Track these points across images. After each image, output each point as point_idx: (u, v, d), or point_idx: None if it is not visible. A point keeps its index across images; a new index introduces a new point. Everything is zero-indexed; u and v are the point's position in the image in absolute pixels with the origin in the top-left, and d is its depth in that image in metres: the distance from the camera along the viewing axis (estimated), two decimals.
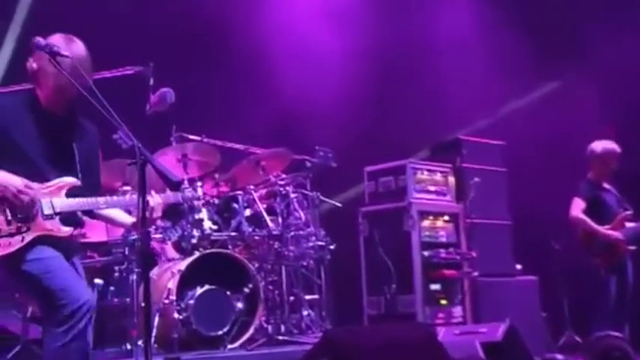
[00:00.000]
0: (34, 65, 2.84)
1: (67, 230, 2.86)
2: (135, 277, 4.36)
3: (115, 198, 2.97)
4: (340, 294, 5.39)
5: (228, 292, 4.49)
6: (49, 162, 2.86)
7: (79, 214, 3.00)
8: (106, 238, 4.77)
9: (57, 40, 2.84)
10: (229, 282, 4.51)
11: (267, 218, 4.94)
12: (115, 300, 4.57)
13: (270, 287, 4.92)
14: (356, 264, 5.85)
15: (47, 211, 2.82)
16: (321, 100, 6.53)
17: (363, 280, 5.80)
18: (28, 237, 2.78)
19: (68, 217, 2.91)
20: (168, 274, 4.47)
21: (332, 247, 5.16)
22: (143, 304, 3.26)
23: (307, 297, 5.15)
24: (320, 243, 5.11)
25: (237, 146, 5.35)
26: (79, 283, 2.83)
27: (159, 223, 4.78)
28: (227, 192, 5.16)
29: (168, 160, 4.75)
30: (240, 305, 4.51)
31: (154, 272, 4.57)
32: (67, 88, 2.80)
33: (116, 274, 4.53)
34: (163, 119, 4.70)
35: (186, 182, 4.72)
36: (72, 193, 2.90)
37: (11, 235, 2.77)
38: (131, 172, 4.43)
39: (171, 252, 4.87)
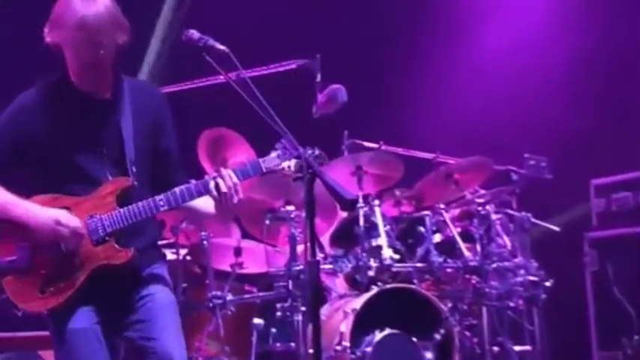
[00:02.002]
0: (49, 39, 2.76)
1: (126, 255, 2.78)
2: (301, 317, 4.44)
3: (176, 191, 2.81)
4: (560, 345, 5.19)
5: (415, 339, 4.46)
6: (95, 160, 2.80)
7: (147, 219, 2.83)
8: (267, 268, 4.91)
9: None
10: (415, 325, 4.48)
11: (463, 245, 4.87)
12: (278, 345, 4.67)
13: (468, 333, 4.84)
14: (581, 306, 5.64)
15: (96, 234, 2.76)
16: (530, 96, 6.35)
17: (591, 327, 5.60)
18: (82, 276, 2.75)
19: (133, 231, 2.80)
20: (340, 315, 4.51)
21: (548, 283, 4.96)
22: (311, 351, 3.29)
23: (516, 348, 4.97)
24: (532, 278, 4.94)
25: (423, 155, 5.33)
26: None
27: (329, 251, 4.90)
28: (411, 212, 5.15)
29: (339, 173, 4.83)
30: (429, 355, 4.46)
31: (323, 312, 4.63)
32: (97, 62, 2.74)
33: (279, 314, 4.62)
34: (333, 123, 4.78)
35: (361, 200, 4.77)
36: (127, 196, 2.79)
37: (62, 277, 2.75)
38: (296, 189, 4.55)
39: (343, 287, 4.92)
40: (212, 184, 2.81)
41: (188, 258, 5.01)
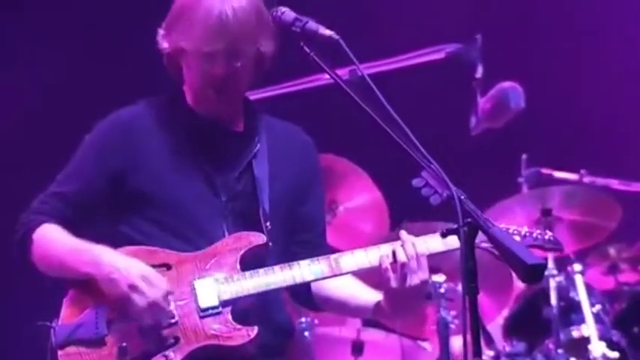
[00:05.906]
0: (165, 44, 3.01)
1: (244, 335, 2.90)
2: None
3: (331, 260, 2.96)
4: None
5: None
6: (210, 208, 3.00)
7: (279, 301, 3.00)
8: None
9: None
10: None
11: None
12: None
13: None
14: None
15: (206, 302, 2.91)
16: None
17: None
18: (177, 357, 2.87)
19: (259, 308, 2.96)
20: None
21: None
22: None
23: None
24: None
25: None
26: None
27: (501, 346, 4.92)
28: (636, 283, 5.19)
29: (515, 220, 4.78)
30: None
31: None
32: (230, 76, 2.94)
33: None
34: (504, 143, 4.81)
35: (551, 264, 4.81)
36: (256, 260, 2.97)
37: (147, 356, 2.87)
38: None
39: None
40: (385, 249, 2.92)
41: None
